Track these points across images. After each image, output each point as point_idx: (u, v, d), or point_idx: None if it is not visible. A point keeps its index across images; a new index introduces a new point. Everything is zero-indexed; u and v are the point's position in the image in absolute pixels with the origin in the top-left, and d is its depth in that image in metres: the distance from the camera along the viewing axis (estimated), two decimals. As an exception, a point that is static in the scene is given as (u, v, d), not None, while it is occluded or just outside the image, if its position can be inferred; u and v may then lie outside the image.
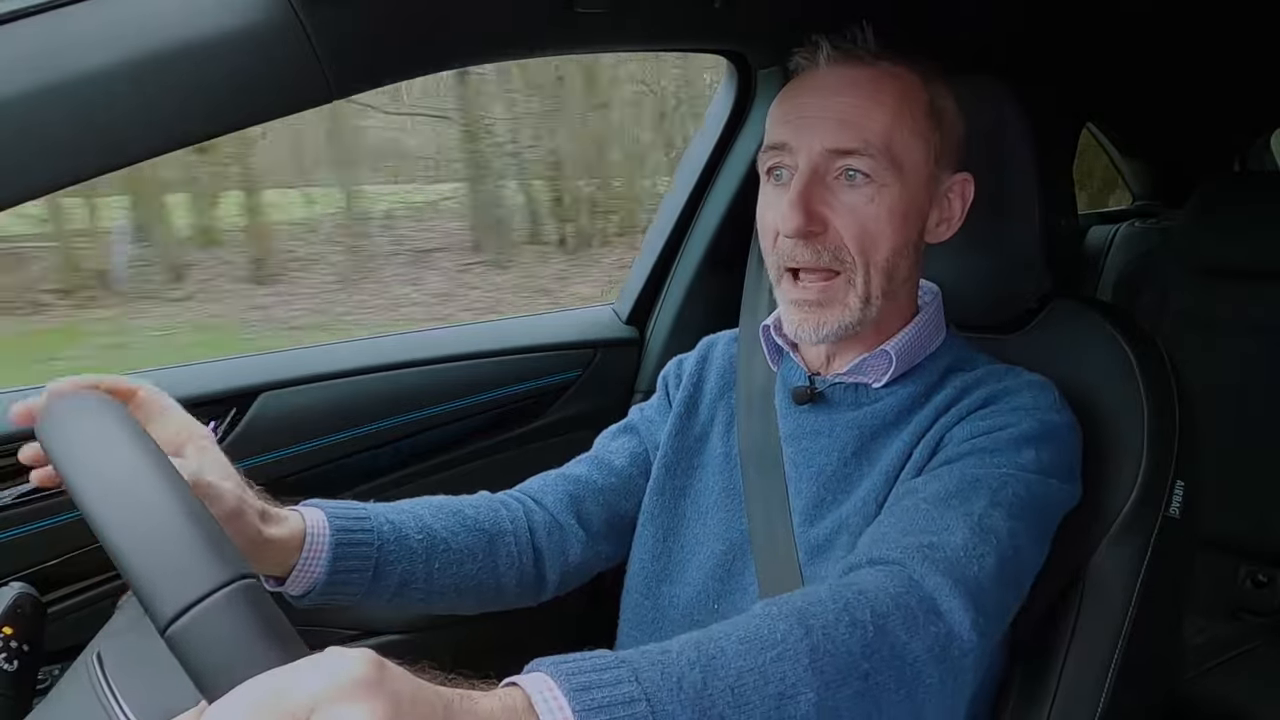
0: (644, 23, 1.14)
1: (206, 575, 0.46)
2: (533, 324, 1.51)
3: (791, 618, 0.62)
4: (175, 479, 0.52)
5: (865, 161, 0.81)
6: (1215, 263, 1.74)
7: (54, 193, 0.71)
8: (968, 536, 0.71)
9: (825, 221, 0.82)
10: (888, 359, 0.87)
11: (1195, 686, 1.46)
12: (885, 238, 0.83)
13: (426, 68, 0.98)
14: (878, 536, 0.74)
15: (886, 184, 0.82)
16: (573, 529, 0.95)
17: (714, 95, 1.46)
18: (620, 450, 1.01)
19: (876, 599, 0.64)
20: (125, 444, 0.54)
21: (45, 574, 0.99)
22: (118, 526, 0.49)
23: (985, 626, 0.69)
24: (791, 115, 0.84)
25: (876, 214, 0.82)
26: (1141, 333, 0.95)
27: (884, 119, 0.81)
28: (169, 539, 0.48)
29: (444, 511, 0.88)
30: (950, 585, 0.67)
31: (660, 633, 0.93)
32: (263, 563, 0.75)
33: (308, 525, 0.78)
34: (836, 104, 0.82)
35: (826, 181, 0.82)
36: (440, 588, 0.86)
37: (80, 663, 0.61)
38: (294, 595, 0.79)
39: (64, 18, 0.70)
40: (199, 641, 0.44)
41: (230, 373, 1.17)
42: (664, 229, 1.48)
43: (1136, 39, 1.72)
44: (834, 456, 0.88)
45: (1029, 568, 0.77)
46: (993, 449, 0.79)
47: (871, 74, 0.83)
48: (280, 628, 0.46)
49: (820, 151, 0.81)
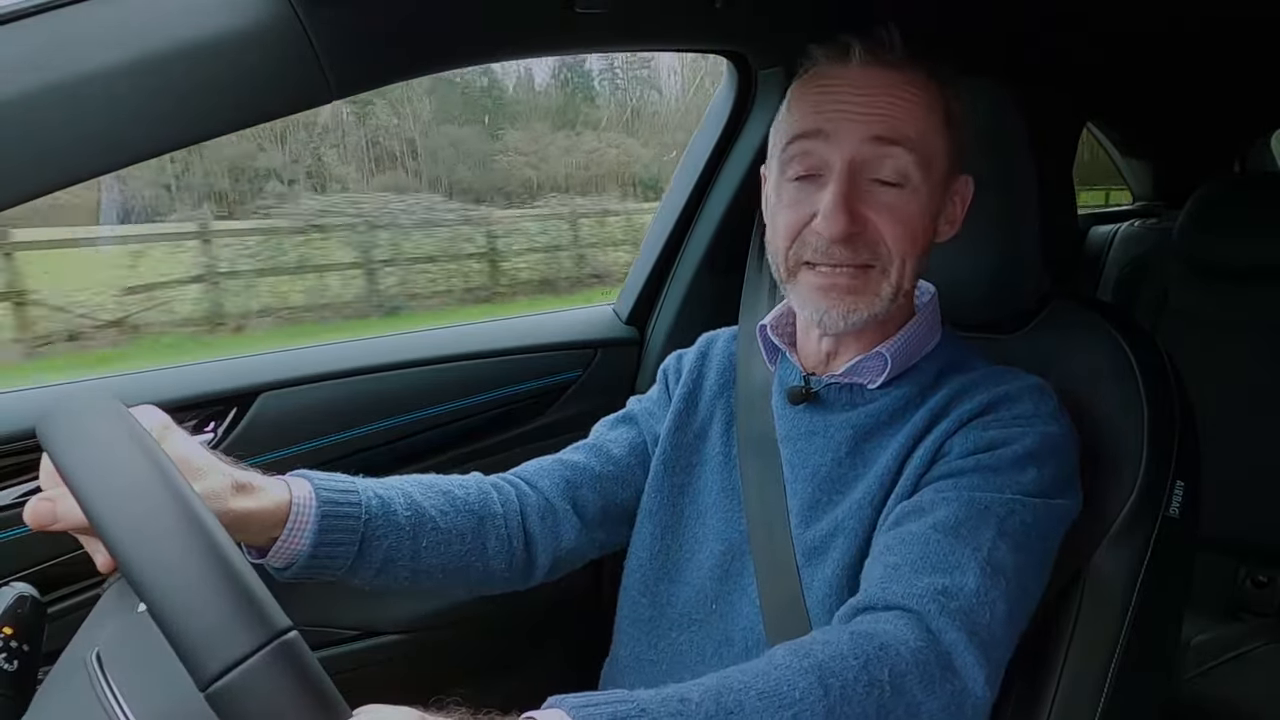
0: (644, 23, 1.14)
1: (247, 634, 0.46)
2: (533, 324, 1.51)
3: (811, 674, 0.63)
4: (213, 525, 0.51)
5: (905, 157, 0.81)
6: (1215, 263, 1.74)
7: (54, 192, 0.71)
8: (979, 578, 0.72)
9: (865, 221, 0.82)
10: (883, 360, 0.87)
11: (1195, 686, 1.46)
12: (920, 236, 0.83)
13: (426, 68, 0.98)
14: (889, 568, 0.74)
15: (918, 186, 0.82)
16: (567, 514, 0.94)
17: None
18: (619, 440, 1.01)
19: (896, 656, 0.66)
20: (159, 491, 0.51)
21: (45, 574, 0.99)
22: (155, 586, 0.48)
23: (995, 678, 0.71)
24: (826, 106, 0.83)
25: (913, 214, 0.82)
26: (1141, 333, 0.95)
27: (918, 120, 0.82)
28: (208, 595, 0.47)
29: (433, 490, 0.87)
30: (966, 639, 0.69)
31: (659, 631, 0.93)
32: (244, 533, 0.73)
33: (293, 496, 0.76)
34: (876, 101, 0.81)
35: (862, 184, 0.82)
36: (426, 566, 0.84)
37: (71, 659, 0.61)
38: (276, 568, 0.77)
39: (64, 18, 0.71)
40: (241, 703, 0.45)
41: (230, 373, 1.17)
42: (664, 229, 1.48)
43: (1137, 39, 1.72)
44: (828, 457, 0.88)
45: (1033, 600, 0.79)
46: (996, 467, 0.79)
47: (903, 77, 0.82)
48: (321, 684, 0.46)
49: (864, 139, 0.81)
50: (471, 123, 5.88)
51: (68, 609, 1.02)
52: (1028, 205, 0.94)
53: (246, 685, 0.45)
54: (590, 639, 1.11)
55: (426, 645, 1.27)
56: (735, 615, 0.89)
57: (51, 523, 0.64)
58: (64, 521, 0.64)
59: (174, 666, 0.46)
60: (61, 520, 0.64)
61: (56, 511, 0.64)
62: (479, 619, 1.29)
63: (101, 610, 0.66)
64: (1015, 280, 0.97)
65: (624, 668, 0.95)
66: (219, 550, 0.49)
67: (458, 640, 1.30)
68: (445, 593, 1.20)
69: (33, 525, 0.65)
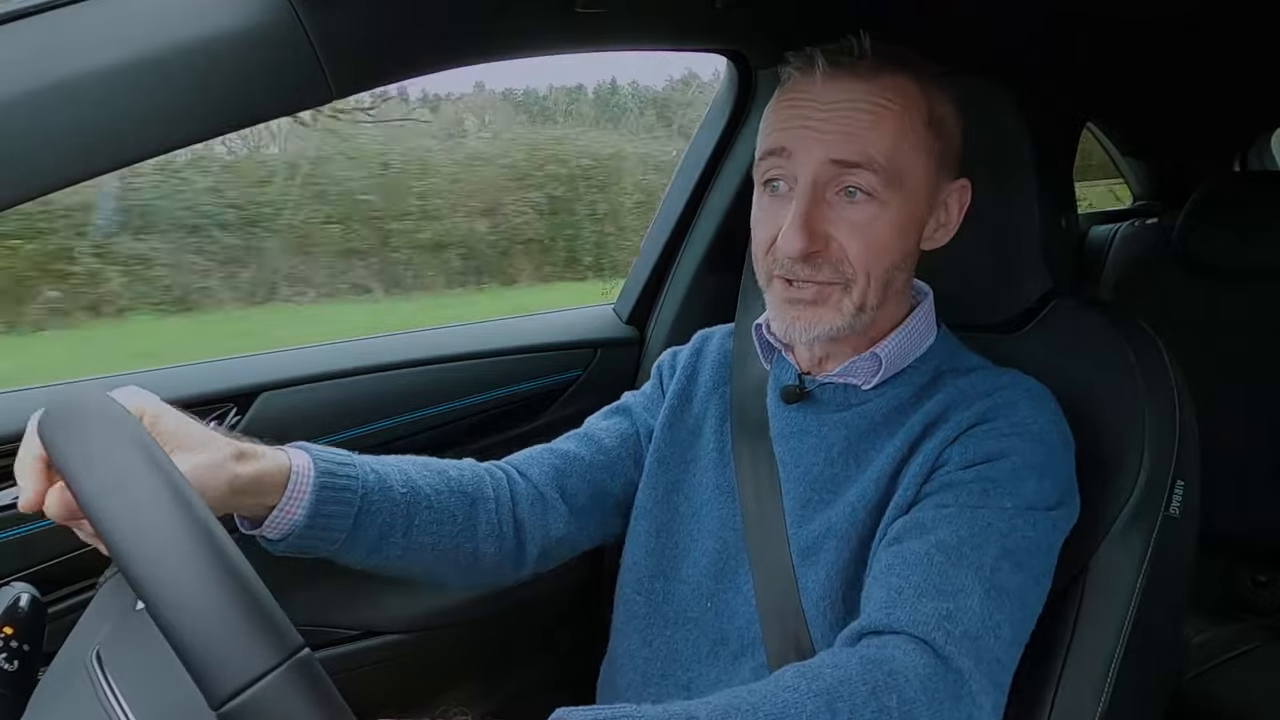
0: (644, 23, 1.14)
1: (261, 654, 0.46)
2: (533, 324, 1.51)
3: (820, 698, 0.64)
4: (225, 543, 0.50)
5: (867, 177, 0.80)
6: (1215, 262, 1.74)
7: (54, 192, 0.71)
8: (983, 601, 0.72)
9: (827, 239, 0.81)
10: (877, 362, 0.87)
11: (1195, 686, 1.46)
12: (886, 253, 0.82)
13: (426, 68, 0.98)
14: (893, 591, 0.74)
15: (887, 201, 0.81)
16: (555, 502, 0.94)
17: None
18: (611, 430, 1.01)
19: (905, 683, 0.67)
20: (169, 508, 0.51)
21: (45, 574, 0.99)
22: (168, 603, 0.47)
23: (1000, 702, 0.72)
24: (792, 123, 0.82)
25: (878, 230, 0.81)
26: (1141, 333, 0.95)
27: (886, 136, 0.80)
28: (222, 613, 0.47)
29: (429, 469, 0.87)
30: (973, 666, 0.69)
31: (654, 629, 0.93)
32: (244, 498, 0.73)
33: (292, 465, 0.75)
34: (838, 118, 0.80)
35: (827, 198, 0.81)
36: (418, 545, 0.84)
37: (69, 658, 0.61)
38: (271, 539, 0.77)
39: (64, 18, 0.71)
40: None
41: (230, 373, 1.17)
42: (664, 229, 1.48)
43: (1137, 39, 1.72)
44: (821, 457, 0.88)
45: (1034, 616, 0.79)
46: (996, 480, 0.79)
47: (870, 88, 0.81)
48: (334, 703, 0.46)
49: (823, 161, 0.80)
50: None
51: (68, 609, 1.02)
52: (1028, 205, 0.94)
53: (261, 705, 0.45)
54: (588, 639, 1.11)
55: (426, 645, 1.27)
56: (730, 613, 0.89)
57: (75, 514, 0.61)
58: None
59: (174, 666, 0.46)
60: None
61: (71, 504, 0.61)
62: (479, 619, 1.29)
63: (98, 607, 0.66)
64: (1015, 280, 0.97)
65: (620, 666, 0.95)
66: (232, 567, 0.49)
67: (457, 640, 1.30)
68: (444, 592, 1.21)
69: (58, 519, 0.63)
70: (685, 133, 2.91)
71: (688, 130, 1.57)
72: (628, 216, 3.91)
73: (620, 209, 3.94)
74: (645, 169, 4.03)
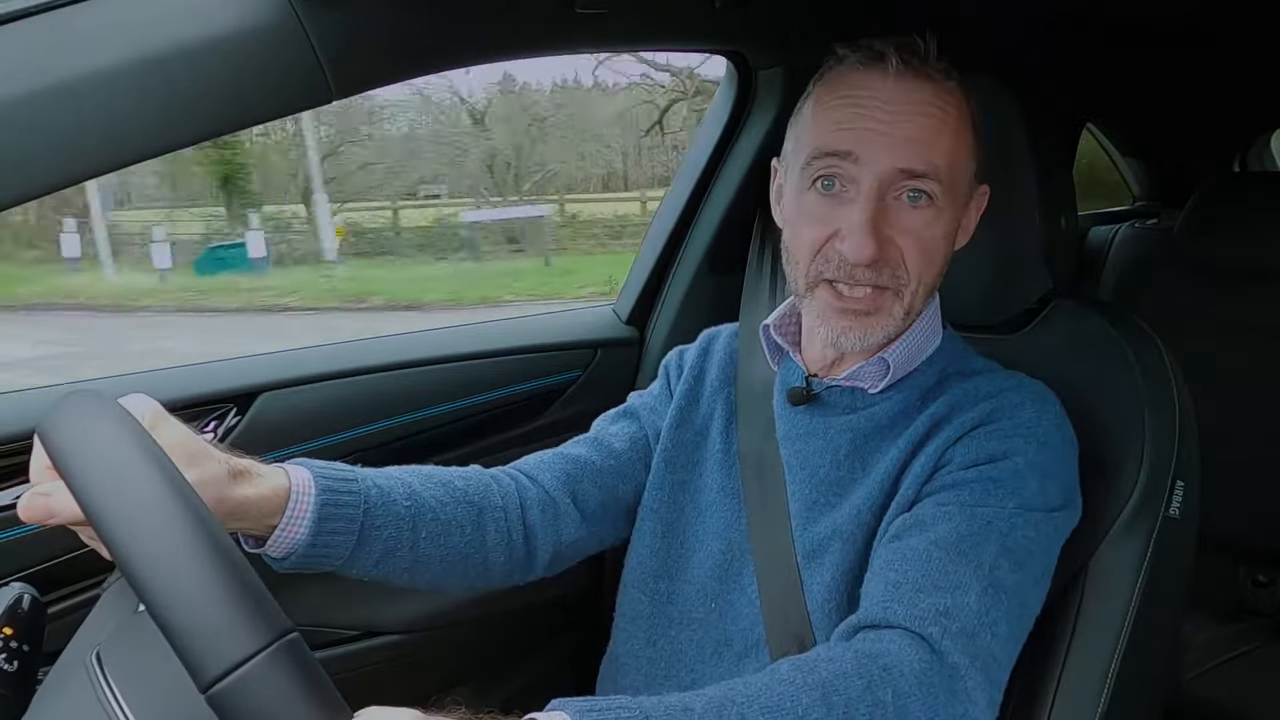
0: (644, 23, 1.14)
1: (249, 636, 0.46)
2: (533, 324, 1.51)
3: (815, 691, 0.64)
4: (215, 528, 0.50)
5: (932, 185, 0.80)
6: (1215, 263, 1.74)
7: (54, 192, 0.71)
8: (980, 597, 0.72)
9: (889, 243, 0.81)
10: (885, 366, 0.87)
11: (1195, 686, 1.46)
12: (939, 258, 0.83)
13: (426, 68, 0.98)
14: (891, 586, 0.74)
15: (944, 207, 0.81)
16: (567, 508, 0.94)
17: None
18: (620, 434, 1.00)
19: (900, 678, 0.67)
20: (160, 492, 0.51)
21: (45, 574, 0.99)
22: (156, 586, 0.47)
23: (996, 700, 0.72)
24: (855, 123, 0.80)
25: (933, 237, 0.81)
26: (1141, 333, 0.95)
27: (949, 144, 0.80)
28: (210, 596, 0.47)
29: (433, 481, 0.86)
30: (969, 663, 0.69)
31: (658, 629, 0.93)
32: (242, 521, 0.72)
33: (292, 484, 0.74)
34: (904, 123, 0.79)
35: (888, 201, 0.80)
36: (425, 557, 0.83)
37: (70, 659, 0.61)
38: (275, 557, 0.76)
39: (64, 18, 0.71)
40: (243, 705, 0.45)
41: (230, 373, 1.17)
42: (664, 229, 1.48)
43: (1137, 39, 1.72)
44: (827, 459, 0.88)
45: (1032, 616, 0.79)
46: (998, 480, 0.79)
47: (936, 91, 0.80)
48: (322, 686, 0.46)
49: (890, 170, 0.79)
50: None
51: (68, 609, 1.02)
52: (1028, 205, 0.94)
53: (248, 687, 0.45)
54: (590, 638, 1.11)
55: (426, 645, 1.27)
56: (735, 615, 0.89)
57: (47, 518, 0.62)
58: (59, 516, 0.62)
59: (174, 666, 0.46)
60: (57, 515, 0.62)
61: (51, 506, 0.62)
62: (479, 619, 1.29)
63: (101, 610, 0.66)
64: (1016, 280, 0.97)
65: (622, 665, 0.95)
66: (220, 550, 0.49)
67: (458, 640, 1.30)
68: (445, 592, 1.21)
69: (27, 520, 0.63)
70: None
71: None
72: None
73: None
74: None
